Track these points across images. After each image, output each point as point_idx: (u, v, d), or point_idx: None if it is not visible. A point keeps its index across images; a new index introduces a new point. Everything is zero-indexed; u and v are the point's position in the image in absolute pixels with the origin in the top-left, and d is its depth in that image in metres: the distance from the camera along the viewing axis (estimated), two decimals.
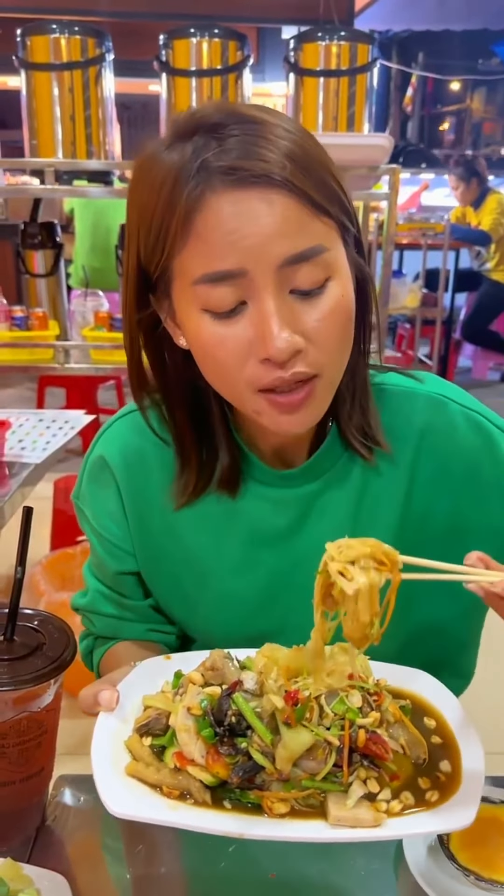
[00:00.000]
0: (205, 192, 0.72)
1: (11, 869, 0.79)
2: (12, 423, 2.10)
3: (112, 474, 0.96)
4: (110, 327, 3.18)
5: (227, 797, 0.69)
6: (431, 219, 5.89)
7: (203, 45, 3.09)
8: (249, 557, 0.94)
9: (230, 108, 0.75)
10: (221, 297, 0.75)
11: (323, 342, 0.77)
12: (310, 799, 0.69)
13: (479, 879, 0.79)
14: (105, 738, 0.74)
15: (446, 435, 0.91)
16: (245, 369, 0.77)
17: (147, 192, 0.76)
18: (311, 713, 0.71)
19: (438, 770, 0.73)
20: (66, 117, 3.18)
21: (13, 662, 0.80)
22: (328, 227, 0.76)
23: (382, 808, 0.67)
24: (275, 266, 0.73)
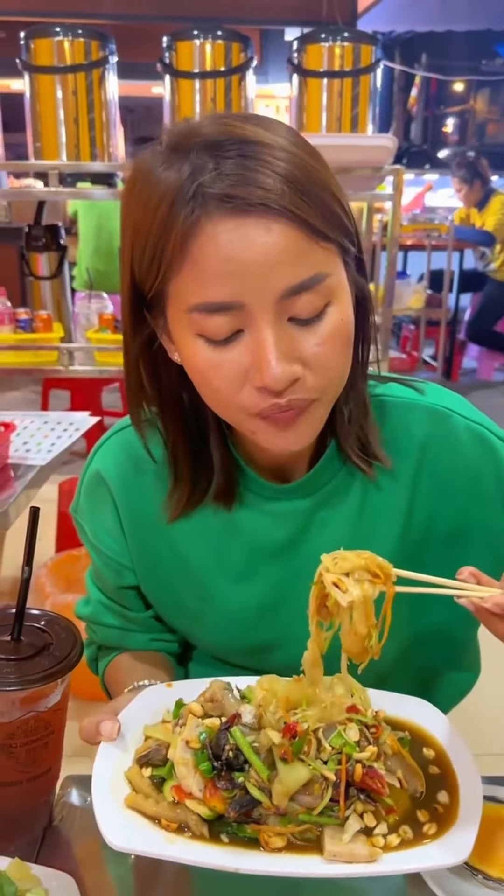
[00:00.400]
0: (201, 218, 0.70)
1: (19, 869, 0.79)
2: (17, 426, 2.10)
3: (108, 490, 0.96)
4: (114, 329, 3.18)
5: (224, 830, 0.70)
6: (435, 220, 5.89)
7: (206, 46, 3.09)
8: (249, 570, 0.94)
9: (228, 127, 0.72)
10: (217, 326, 0.73)
11: (322, 368, 0.75)
12: (306, 833, 0.69)
13: (486, 878, 0.79)
14: (106, 769, 0.74)
15: (448, 447, 0.90)
16: (241, 394, 0.75)
17: (142, 211, 0.73)
18: (308, 746, 0.71)
19: (436, 802, 0.73)
20: (69, 120, 3.18)
21: (20, 662, 0.80)
22: (328, 252, 0.74)
23: (380, 843, 0.67)
24: (274, 298, 0.71)
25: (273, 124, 0.74)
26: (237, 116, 0.74)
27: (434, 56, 9.69)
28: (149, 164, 0.73)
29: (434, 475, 0.90)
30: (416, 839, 0.68)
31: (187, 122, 0.75)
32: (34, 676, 0.78)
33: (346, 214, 0.76)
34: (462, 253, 5.72)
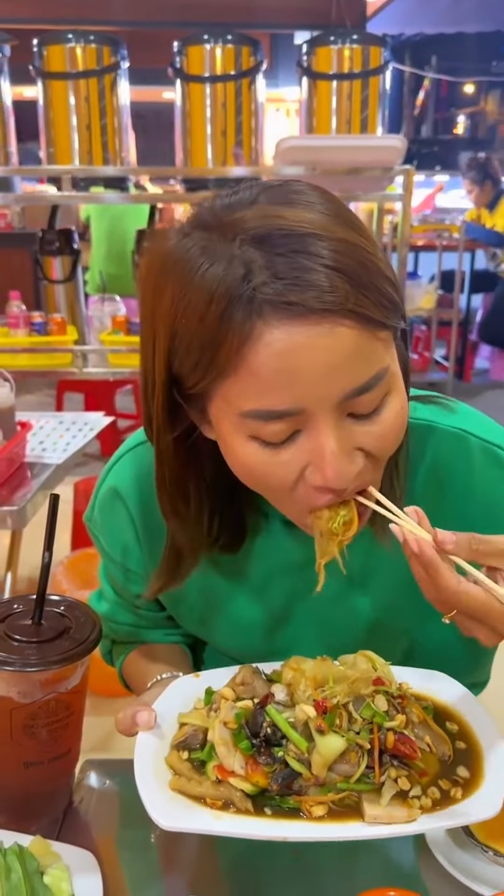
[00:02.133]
0: (257, 324, 0.65)
1: (41, 846, 0.81)
2: (33, 425, 2.13)
3: (125, 505, 0.95)
4: (128, 331, 3.21)
5: (267, 804, 0.72)
6: (446, 220, 5.89)
7: (217, 51, 3.12)
8: (264, 585, 0.94)
9: (273, 216, 0.66)
10: (275, 433, 0.69)
11: (381, 457, 0.74)
12: (345, 800, 0.72)
13: (497, 855, 0.80)
14: (146, 757, 0.76)
15: (463, 471, 0.88)
16: (295, 491, 0.72)
17: (185, 306, 0.67)
18: (340, 719, 0.73)
19: (462, 767, 0.75)
20: (82, 125, 3.22)
21: (41, 645, 0.82)
22: (386, 342, 0.70)
23: (415, 804, 0.70)
24: (335, 402, 0.68)
25: (312, 196, 0.69)
26: (275, 193, 0.69)
27: (444, 58, 9.70)
28: (189, 255, 0.68)
29: (450, 499, 0.88)
30: (450, 800, 0.71)
31: (220, 206, 0.70)
32: (55, 658, 0.81)
33: (396, 291, 0.70)
34: (473, 253, 5.72)
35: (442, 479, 0.88)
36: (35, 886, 0.76)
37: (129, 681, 1.08)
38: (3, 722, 0.83)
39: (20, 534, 2.21)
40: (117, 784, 0.98)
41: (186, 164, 3.29)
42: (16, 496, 1.83)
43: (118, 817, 0.94)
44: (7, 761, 0.85)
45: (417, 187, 7.65)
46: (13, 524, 1.78)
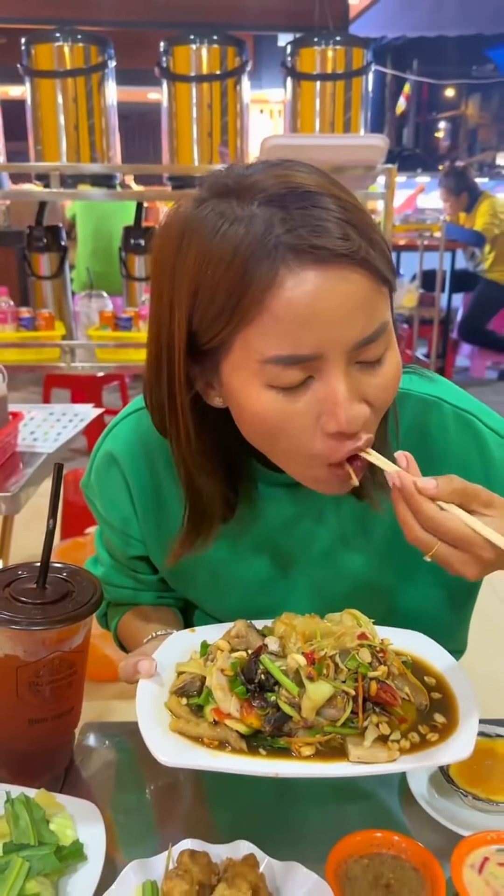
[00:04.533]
0: (280, 270, 0.70)
1: (45, 798, 0.86)
2: (25, 416, 2.17)
3: (120, 469, 0.98)
4: (115, 327, 3.25)
5: (260, 745, 0.78)
6: (427, 220, 5.98)
7: (202, 50, 3.18)
8: (257, 545, 0.99)
9: (287, 177, 0.73)
10: (291, 377, 0.74)
11: (382, 407, 0.80)
12: (332, 742, 0.77)
13: (476, 799, 0.86)
14: (147, 701, 0.82)
15: (437, 436, 0.94)
16: (314, 445, 0.77)
17: (206, 267, 0.72)
18: (327, 669, 0.79)
19: (439, 714, 0.81)
20: (69, 125, 3.27)
21: (46, 606, 0.87)
22: (386, 297, 0.76)
23: (395, 747, 0.76)
24: (348, 349, 0.73)
25: (313, 169, 0.76)
26: (283, 165, 0.75)
27: (425, 62, 9.81)
28: (205, 219, 0.73)
29: (427, 463, 0.91)
30: (427, 743, 0.77)
31: (233, 171, 0.76)
32: (59, 618, 0.85)
33: (388, 254, 0.77)
34: (454, 253, 5.81)
35: (419, 444, 0.93)
36: (41, 832, 0.81)
37: (124, 640, 1.13)
38: (9, 680, 0.87)
39: (12, 520, 2.24)
40: (116, 745, 1.03)
41: (173, 163, 3.33)
42: (8, 483, 1.87)
43: (117, 774, 0.99)
44: (13, 718, 0.90)
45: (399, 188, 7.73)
46: (6, 510, 1.82)
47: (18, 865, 0.76)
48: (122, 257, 3.55)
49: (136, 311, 3.32)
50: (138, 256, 3.46)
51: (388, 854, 0.81)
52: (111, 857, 0.81)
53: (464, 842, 0.81)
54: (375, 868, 0.80)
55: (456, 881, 0.77)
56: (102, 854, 0.80)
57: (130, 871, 0.77)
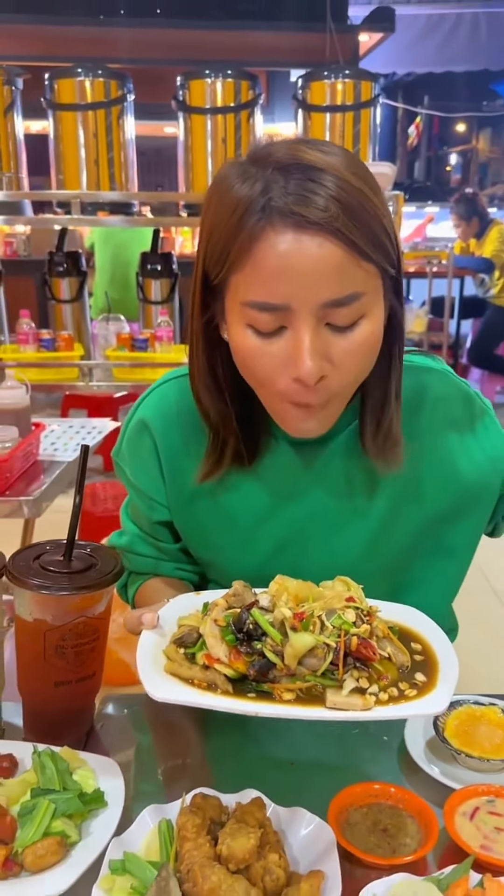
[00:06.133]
0: (266, 227, 0.82)
1: (69, 753, 0.93)
2: (46, 426, 2.26)
3: (151, 435, 1.07)
4: (131, 348, 3.36)
5: (245, 689, 0.84)
6: (436, 248, 6.10)
7: (217, 84, 3.32)
8: (269, 509, 1.06)
9: (298, 152, 0.83)
10: (265, 322, 0.85)
11: (346, 370, 0.88)
12: (312, 691, 0.83)
13: (469, 757, 0.92)
14: (148, 647, 0.89)
15: (450, 401, 1.07)
16: (278, 382, 0.88)
17: (218, 214, 0.86)
18: (313, 626, 0.85)
19: (420, 674, 0.86)
20: (90, 154, 3.41)
21: (72, 575, 0.95)
22: (369, 273, 0.85)
23: (371, 699, 0.81)
24: (316, 306, 0.83)
25: (338, 151, 0.85)
26: (307, 142, 0.86)
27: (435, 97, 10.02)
28: (229, 176, 0.86)
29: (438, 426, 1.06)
30: (403, 698, 0.82)
31: (265, 144, 0.88)
32: (84, 584, 0.93)
33: (390, 241, 0.86)
34: (462, 280, 5.92)
35: (444, 413, 1.06)
36: (66, 780, 0.88)
37: (138, 606, 1.20)
38: (37, 643, 0.95)
39: (33, 523, 2.33)
40: (133, 713, 1.10)
41: (188, 191, 3.47)
42: (30, 488, 1.96)
43: (134, 738, 1.06)
44: (40, 680, 0.97)
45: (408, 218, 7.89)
46: (28, 513, 1.90)
47: (45, 806, 0.83)
48: (139, 281, 3.68)
49: (152, 332, 3.44)
50: (154, 280, 3.58)
51: (385, 804, 0.88)
52: (128, 806, 0.87)
53: (456, 793, 0.88)
54: (374, 815, 0.86)
55: (449, 826, 0.83)
56: (121, 802, 0.87)
57: (147, 814, 0.84)
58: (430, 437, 1.06)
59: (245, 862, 0.74)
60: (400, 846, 0.82)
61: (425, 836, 0.82)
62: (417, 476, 1.06)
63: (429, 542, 1.10)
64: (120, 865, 0.77)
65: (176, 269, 3.73)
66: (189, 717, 1.07)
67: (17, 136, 3.51)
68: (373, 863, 0.79)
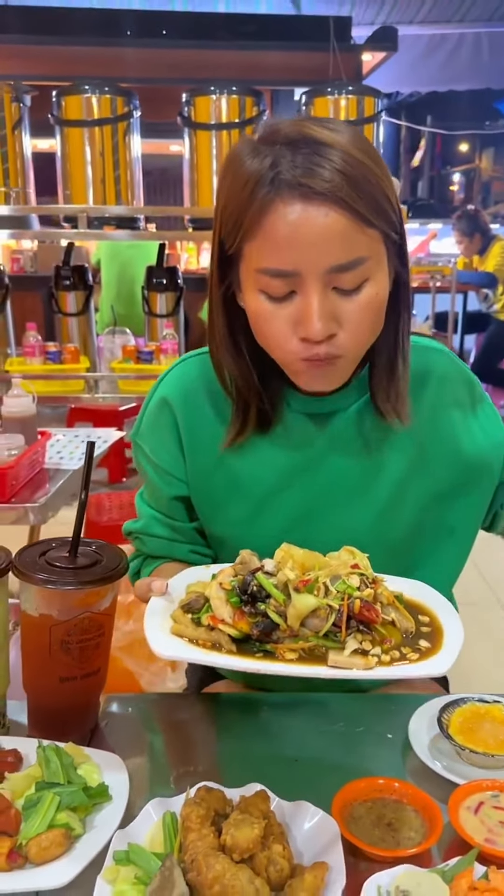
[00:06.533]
0: (275, 199, 0.89)
1: (73, 748, 0.93)
2: (52, 435, 2.28)
3: (172, 412, 1.12)
4: (137, 360, 3.38)
5: (249, 650, 0.86)
6: (439, 263, 6.14)
7: (222, 100, 3.37)
8: (283, 482, 1.10)
9: (305, 129, 0.90)
10: (276, 287, 0.92)
11: (352, 330, 0.94)
12: (315, 652, 0.85)
13: (473, 753, 0.92)
14: (156, 611, 0.92)
15: (454, 382, 1.12)
16: (290, 343, 0.95)
17: (231, 188, 0.93)
18: (318, 591, 0.87)
19: (424, 640, 0.88)
20: (96, 170, 3.45)
21: (78, 570, 0.96)
22: (372, 238, 0.91)
23: (374, 660, 0.83)
24: (322, 271, 0.90)
25: (343, 127, 0.92)
26: (314, 119, 0.93)
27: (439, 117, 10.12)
28: (241, 153, 0.93)
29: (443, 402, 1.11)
30: (405, 661, 0.84)
31: (274, 122, 0.94)
32: (90, 579, 0.94)
33: (391, 208, 0.93)
34: (466, 295, 5.95)
35: (449, 391, 1.11)
36: (70, 774, 0.88)
37: None
38: (43, 638, 0.95)
39: (39, 529, 2.34)
40: (138, 711, 1.10)
41: (194, 205, 3.50)
42: (36, 495, 1.97)
43: (138, 735, 1.06)
44: (45, 676, 0.98)
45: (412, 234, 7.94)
46: (34, 519, 1.92)
47: (50, 798, 0.84)
48: (145, 295, 3.71)
49: (157, 345, 3.46)
50: (160, 294, 3.61)
51: (389, 798, 0.87)
52: (133, 801, 0.87)
53: (461, 788, 0.88)
54: (378, 810, 0.86)
55: (453, 820, 0.83)
56: (126, 796, 0.87)
57: (151, 807, 0.84)
58: (435, 411, 1.11)
59: (249, 852, 0.74)
60: (404, 840, 0.82)
61: (429, 830, 0.82)
62: (423, 450, 1.10)
63: (432, 519, 1.13)
64: (124, 856, 0.77)
65: (181, 283, 3.76)
66: (194, 715, 1.07)
67: (25, 153, 3.55)
68: (377, 855, 0.79)
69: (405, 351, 1.04)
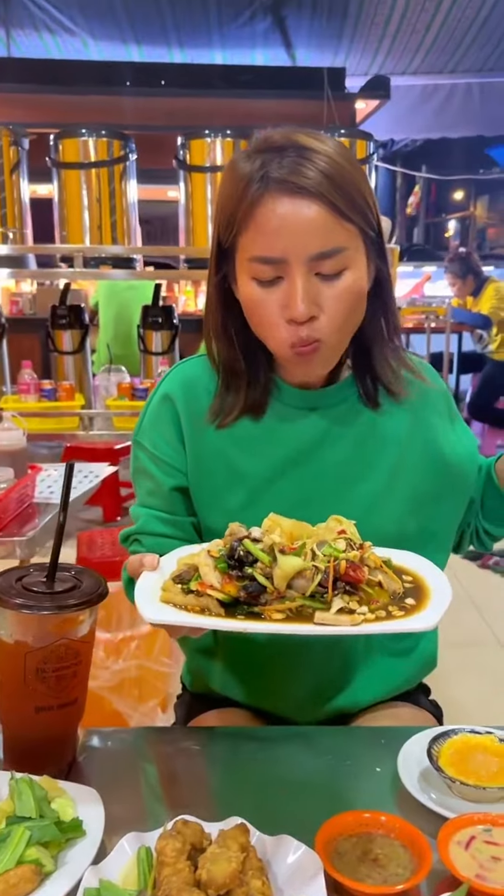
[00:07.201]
0: (264, 195, 0.99)
1: (48, 782, 0.89)
2: (42, 469, 2.26)
3: (173, 405, 1.17)
4: (132, 397, 3.39)
5: (237, 614, 0.86)
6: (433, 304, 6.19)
7: (217, 143, 3.44)
8: (279, 472, 1.14)
9: (292, 136, 1.01)
10: (265, 272, 1.02)
11: (332, 313, 1.03)
12: (302, 613, 0.84)
13: (464, 785, 0.89)
14: (146, 583, 0.92)
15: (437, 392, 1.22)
16: (279, 328, 1.04)
17: (227, 188, 1.04)
18: (305, 556, 0.87)
19: (410, 599, 0.88)
20: (93, 212, 3.50)
21: (55, 595, 0.93)
22: (350, 231, 1.01)
23: (360, 617, 0.82)
24: (305, 258, 0.99)
25: (327, 138, 1.03)
26: (302, 130, 1.03)
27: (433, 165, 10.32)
28: (236, 160, 1.05)
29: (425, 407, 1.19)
30: (392, 618, 0.83)
31: (266, 133, 1.04)
32: (66, 604, 0.91)
33: (368, 208, 1.03)
34: (460, 335, 5.98)
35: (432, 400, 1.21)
36: (43, 808, 0.85)
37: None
38: (18, 666, 0.92)
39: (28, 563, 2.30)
40: (118, 745, 1.06)
41: (189, 245, 3.55)
42: (24, 529, 1.94)
43: (118, 770, 1.02)
44: (21, 705, 0.94)
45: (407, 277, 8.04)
46: (21, 554, 1.88)
47: (20, 833, 0.80)
48: (141, 333, 3.72)
49: (152, 381, 3.47)
50: (155, 332, 3.64)
51: (376, 833, 0.84)
52: (109, 837, 0.84)
53: (451, 822, 0.84)
54: (364, 844, 0.82)
55: (443, 855, 0.79)
56: (101, 831, 0.83)
57: (126, 842, 0.80)
58: (417, 414, 1.18)
59: (226, 887, 0.71)
60: (391, 876, 0.78)
61: (418, 866, 0.78)
62: (409, 448, 1.16)
63: (416, 523, 1.16)
64: (95, 893, 0.73)
65: (177, 322, 3.78)
66: (177, 748, 1.04)
67: (23, 196, 3.61)
68: (362, 892, 0.75)
69: (393, 336, 1.14)
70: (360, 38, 6.55)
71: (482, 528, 1.29)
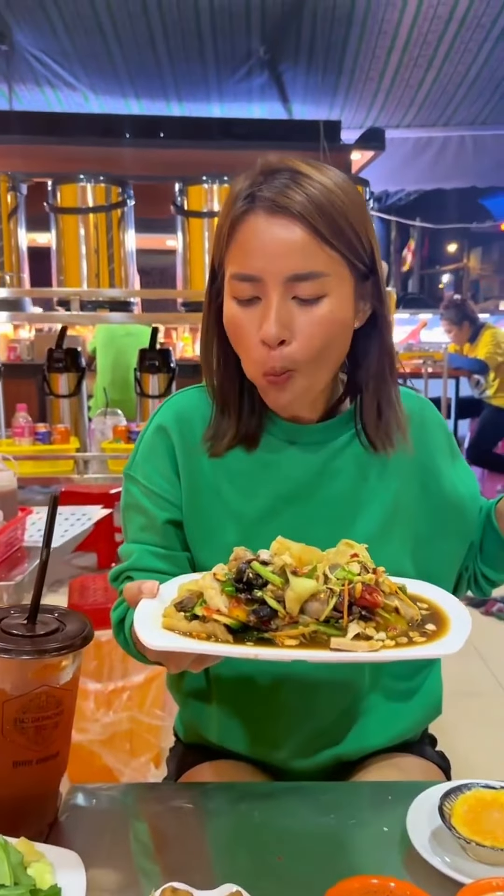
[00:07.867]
0: (248, 213, 0.99)
1: (25, 845, 0.82)
2: (34, 511, 2.20)
3: (168, 437, 1.13)
4: (127, 440, 3.34)
5: (245, 639, 0.80)
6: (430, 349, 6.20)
7: (214, 189, 3.46)
8: (273, 509, 1.10)
9: (290, 161, 1.01)
10: (244, 291, 1.00)
11: (304, 340, 0.99)
12: (316, 639, 0.78)
13: (479, 846, 0.81)
14: (146, 609, 0.86)
15: (438, 429, 1.19)
16: (254, 350, 1.01)
17: (222, 206, 1.05)
18: (317, 579, 0.82)
19: (430, 624, 0.82)
20: (90, 256, 3.51)
21: (35, 638, 0.87)
22: (332, 258, 0.98)
23: (378, 644, 0.76)
24: (282, 279, 0.98)
25: (329, 170, 1.02)
26: (303, 159, 1.02)
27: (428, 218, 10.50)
28: (235, 183, 1.04)
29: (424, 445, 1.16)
30: (413, 644, 0.78)
31: (267, 158, 1.03)
32: (48, 648, 0.85)
33: (357, 239, 1.00)
34: (458, 381, 5.97)
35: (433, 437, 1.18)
36: (18, 874, 0.77)
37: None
38: None
39: None
40: (103, 804, 0.98)
41: (186, 288, 3.55)
42: (12, 574, 1.87)
43: (103, 832, 0.94)
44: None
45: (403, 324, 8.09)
46: (9, 599, 1.81)
47: None
48: (137, 377, 3.70)
49: None
50: (152, 376, 3.61)
51: None
52: None
53: (467, 888, 0.76)
54: None
55: None
56: None
57: None
58: (418, 451, 1.14)
59: None
60: None
61: None
62: (408, 487, 1.13)
63: (411, 567, 1.11)
64: None
65: (174, 365, 3.76)
66: (167, 806, 0.96)
67: (20, 241, 3.62)
68: None
69: (392, 372, 1.09)
70: (354, 92, 6.70)
71: (481, 573, 1.23)
